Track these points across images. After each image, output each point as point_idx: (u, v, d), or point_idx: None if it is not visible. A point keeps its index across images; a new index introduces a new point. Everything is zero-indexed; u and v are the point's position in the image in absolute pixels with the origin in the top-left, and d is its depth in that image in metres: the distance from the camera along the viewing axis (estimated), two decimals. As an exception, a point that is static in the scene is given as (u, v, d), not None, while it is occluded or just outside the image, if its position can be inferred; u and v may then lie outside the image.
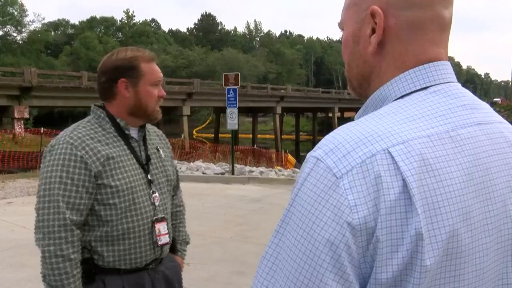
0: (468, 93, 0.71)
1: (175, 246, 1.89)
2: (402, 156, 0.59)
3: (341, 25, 0.78)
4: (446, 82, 0.70)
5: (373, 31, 0.71)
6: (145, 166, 1.68)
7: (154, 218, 1.66)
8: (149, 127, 1.83)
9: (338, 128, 0.66)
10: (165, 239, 1.70)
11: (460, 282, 0.61)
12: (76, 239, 1.50)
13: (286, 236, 0.62)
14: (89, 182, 1.53)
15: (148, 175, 1.68)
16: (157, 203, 1.68)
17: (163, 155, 1.80)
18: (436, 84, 0.69)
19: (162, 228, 1.69)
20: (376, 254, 0.58)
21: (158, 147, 1.79)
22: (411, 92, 0.69)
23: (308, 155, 0.64)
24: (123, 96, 1.63)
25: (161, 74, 1.72)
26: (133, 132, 1.69)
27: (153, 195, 1.68)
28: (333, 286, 0.57)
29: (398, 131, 0.62)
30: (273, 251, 0.63)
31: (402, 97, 0.69)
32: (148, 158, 1.71)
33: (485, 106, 0.73)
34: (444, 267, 0.60)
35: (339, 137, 0.63)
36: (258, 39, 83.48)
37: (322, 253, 0.58)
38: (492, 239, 0.64)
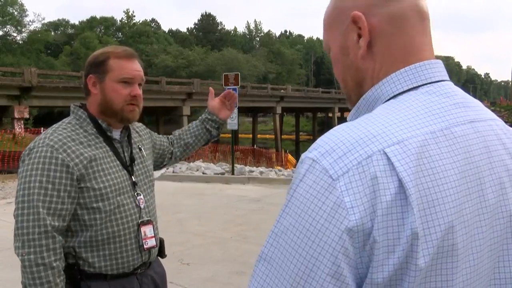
0: (460, 91, 0.72)
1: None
2: (398, 157, 0.60)
3: (327, 47, 0.80)
4: (437, 81, 0.71)
5: (359, 36, 0.72)
6: (129, 167, 1.64)
7: (139, 221, 1.62)
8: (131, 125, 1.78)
9: (333, 129, 0.66)
10: (151, 242, 1.65)
11: (456, 280, 0.62)
12: (58, 246, 1.44)
13: (282, 237, 0.62)
14: (71, 186, 1.47)
15: (133, 177, 1.64)
16: (142, 206, 1.64)
17: (145, 154, 1.76)
18: (427, 83, 0.70)
19: (148, 231, 1.64)
20: (373, 255, 0.58)
21: (140, 146, 1.75)
22: (403, 92, 0.70)
23: (303, 156, 0.64)
24: (92, 93, 1.60)
25: (137, 73, 1.61)
26: (116, 134, 1.64)
27: (138, 197, 1.63)
28: None
29: (393, 131, 0.62)
30: (268, 250, 0.63)
31: (394, 97, 0.70)
32: (132, 160, 1.66)
33: (477, 103, 0.74)
34: (439, 264, 0.60)
35: (335, 138, 0.63)
36: (258, 39, 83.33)
37: (319, 254, 0.58)
38: (485, 235, 0.65)
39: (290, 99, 38.85)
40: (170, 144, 1.98)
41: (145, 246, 1.63)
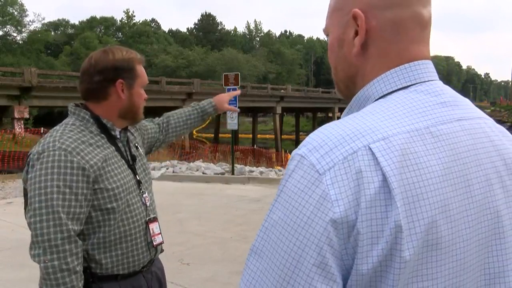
0: (448, 90, 0.74)
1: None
2: (382, 152, 0.62)
3: (326, 31, 0.82)
4: (427, 81, 0.72)
5: (356, 33, 0.73)
6: (132, 166, 1.65)
7: (147, 218, 1.64)
8: None
9: (322, 126, 0.68)
10: (159, 239, 1.69)
11: (441, 273, 0.63)
12: (80, 250, 1.44)
13: (271, 231, 0.64)
14: (87, 189, 1.46)
15: (137, 176, 1.66)
16: (148, 203, 1.66)
17: (142, 152, 1.78)
18: (417, 83, 0.71)
19: (155, 228, 1.68)
20: (357, 246, 0.60)
21: (136, 145, 1.76)
22: (393, 91, 0.71)
23: (293, 153, 0.67)
24: (118, 98, 1.58)
25: None
26: (117, 133, 1.65)
27: (144, 196, 1.65)
28: (316, 278, 0.60)
29: (379, 128, 0.64)
30: (259, 244, 0.66)
31: (384, 96, 0.71)
32: (133, 158, 1.68)
33: (466, 102, 0.75)
34: (425, 258, 0.62)
35: (322, 135, 0.65)
36: (258, 39, 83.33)
37: (305, 246, 0.60)
38: (472, 230, 0.66)
39: (290, 99, 38.83)
40: (160, 131, 1.99)
41: (154, 243, 1.66)
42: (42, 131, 16.08)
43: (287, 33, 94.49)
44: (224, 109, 2.15)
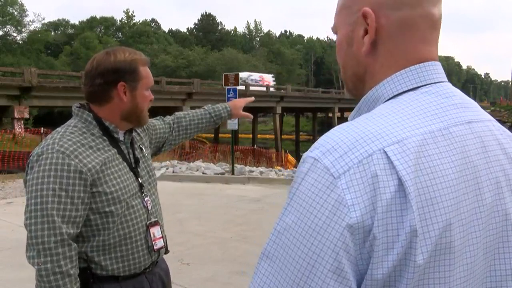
0: (458, 92, 0.73)
1: None
2: (397, 156, 0.61)
3: (335, 29, 0.81)
4: (436, 82, 0.72)
5: (366, 32, 0.72)
6: (134, 169, 1.63)
7: (148, 222, 1.62)
8: None
9: (334, 128, 0.67)
10: (160, 243, 1.67)
11: (453, 277, 0.63)
12: (74, 253, 1.43)
13: (284, 234, 0.63)
14: (84, 192, 1.44)
15: (139, 179, 1.64)
16: (149, 207, 1.64)
17: (146, 154, 1.75)
18: (426, 84, 0.71)
19: (156, 232, 1.65)
20: (372, 251, 0.59)
21: (141, 146, 1.74)
22: (403, 92, 0.70)
23: (305, 155, 0.65)
24: (120, 100, 1.55)
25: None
26: (121, 135, 1.63)
27: (145, 199, 1.63)
28: (331, 284, 0.59)
29: (393, 131, 0.64)
30: (271, 248, 0.64)
31: (394, 97, 0.71)
32: (136, 161, 1.65)
33: (475, 104, 0.75)
34: (437, 261, 0.61)
35: (336, 137, 0.64)
36: (258, 39, 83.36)
37: (321, 251, 0.59)
38: (481, 233, 0.66)
39: (290, 99, 38.80)
40: (170, 131, 1.95)
41: (155, 247, 1.64)
42: (42, 131, 16.06)
43: (287, 33, 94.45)
44: (239, 115, 2.13)
